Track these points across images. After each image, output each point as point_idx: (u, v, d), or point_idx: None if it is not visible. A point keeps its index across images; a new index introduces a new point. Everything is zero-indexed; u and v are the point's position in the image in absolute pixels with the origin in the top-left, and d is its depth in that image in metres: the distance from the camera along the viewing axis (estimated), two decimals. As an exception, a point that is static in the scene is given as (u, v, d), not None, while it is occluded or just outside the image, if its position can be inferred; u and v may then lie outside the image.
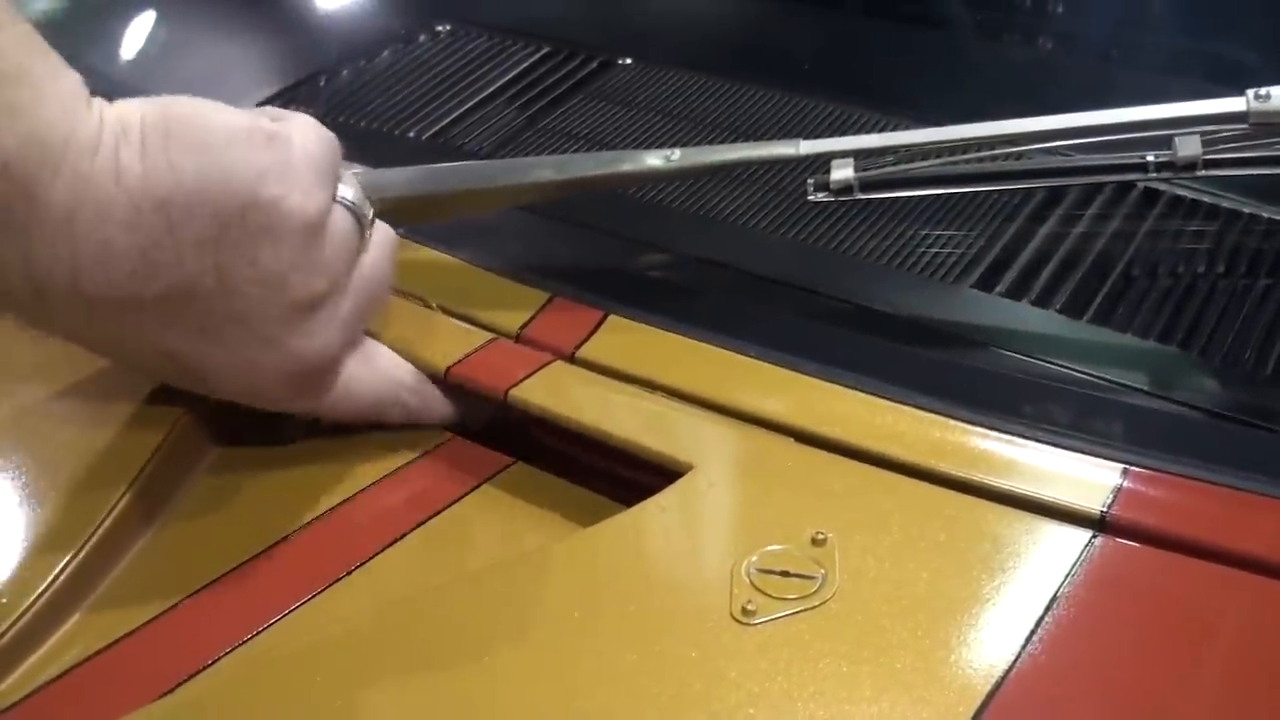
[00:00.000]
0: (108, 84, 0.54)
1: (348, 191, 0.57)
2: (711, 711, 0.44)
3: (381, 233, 0.60)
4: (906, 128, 0.76)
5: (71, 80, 0.50)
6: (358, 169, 0.61)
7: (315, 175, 0.54)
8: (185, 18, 1.02)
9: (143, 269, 0.50)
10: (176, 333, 0.53)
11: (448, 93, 0.86)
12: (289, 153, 0.53)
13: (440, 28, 0.93)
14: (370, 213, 0.59)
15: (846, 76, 0.88)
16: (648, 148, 0.73)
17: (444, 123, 0.83)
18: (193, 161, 0.50)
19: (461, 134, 0.82)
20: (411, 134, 0.83)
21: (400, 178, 0.62)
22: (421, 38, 0.92)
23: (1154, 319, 0.65)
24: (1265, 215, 0.69)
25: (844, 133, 0.78)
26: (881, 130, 0.77)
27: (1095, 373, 0.62)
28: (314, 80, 0.89)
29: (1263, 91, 0.60)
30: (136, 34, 1.03)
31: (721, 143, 0.79)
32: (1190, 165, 0.62)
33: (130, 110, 0.51)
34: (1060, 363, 0.63)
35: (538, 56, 0.88)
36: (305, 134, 0.56)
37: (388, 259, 0.59)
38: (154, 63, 0.98)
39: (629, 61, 0.87)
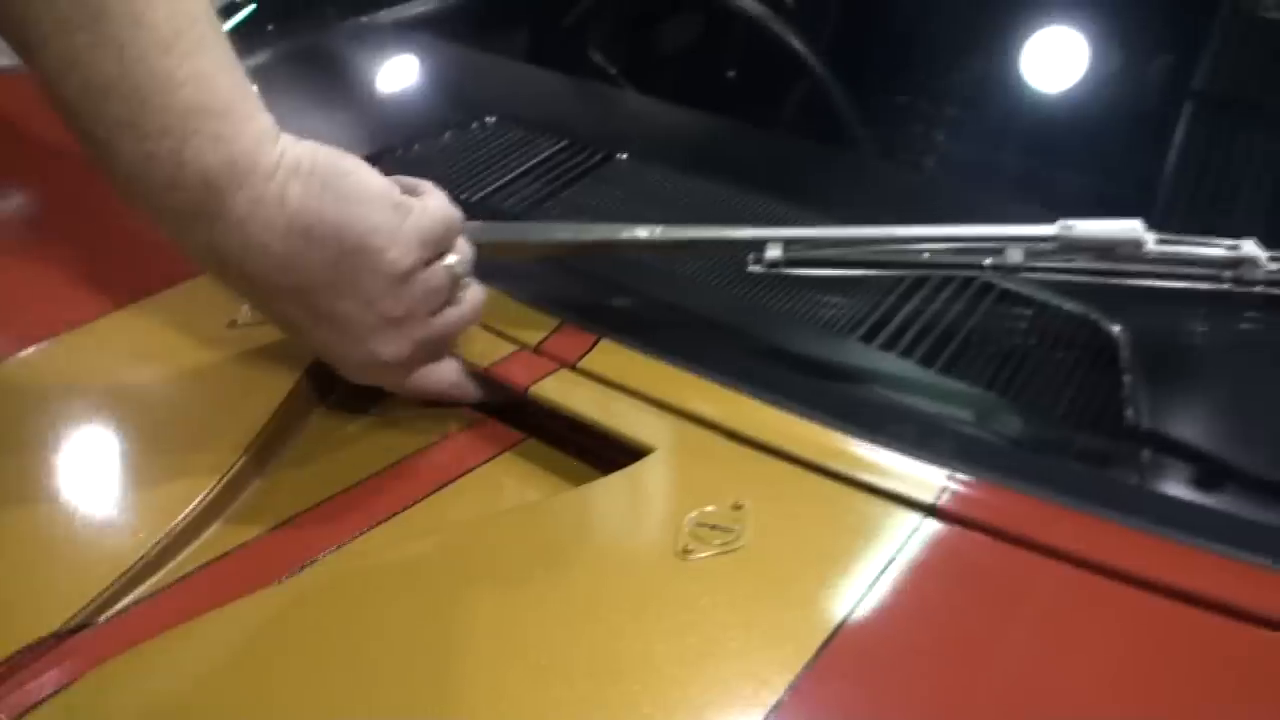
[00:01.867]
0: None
1: (453, 259, 0.61)
2: (660, 612, 0.50)
3: (474, 291, 0.64)
4: (824, 224, 0.78)
5: (265, 120, 0.55)
6: (475, 224, 0.66)
7: (419, 240, 0.58)
8: (292, 92, 1.06)
9: (285, 266, 0.56)
10: (301, 312, 0.59)
11: (492, 168, 0.89)
12: (404, 219, 0.58)
13: (489, 119, 0.96)
14: (468, 275, 0.63)
15: (786, 182, 0.90)
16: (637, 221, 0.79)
17: (487, 190, 0.86)
18: (334, 206, 0.55)
19: (499, 200, 0.85)
20: (463, 196, 0.86)
21: (479, 228, 0.67)
22: (474, 125, 0.95)
23: (983, 372, 0.69)
24: (1065, 308, 0.73)
25: (778, 225, 0.83)
26: (806, 225, 0.82)
27: (939, 406, 0.67)
28: (393, 151, 0.91)
29: (1069, 222, 0.64)
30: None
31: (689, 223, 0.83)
32: (1015, 269, 0.66)
33: (304, 153, 0.56)
34: (915, 398, 0.67)
35: (558, 147, 0.91)
36: (426, 207, 0.60)
37: (471, 310, 0.64)
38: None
39: (624, 157, 0.90)
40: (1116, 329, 0.73)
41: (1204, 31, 1.15)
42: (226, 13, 1.24)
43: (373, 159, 0.90)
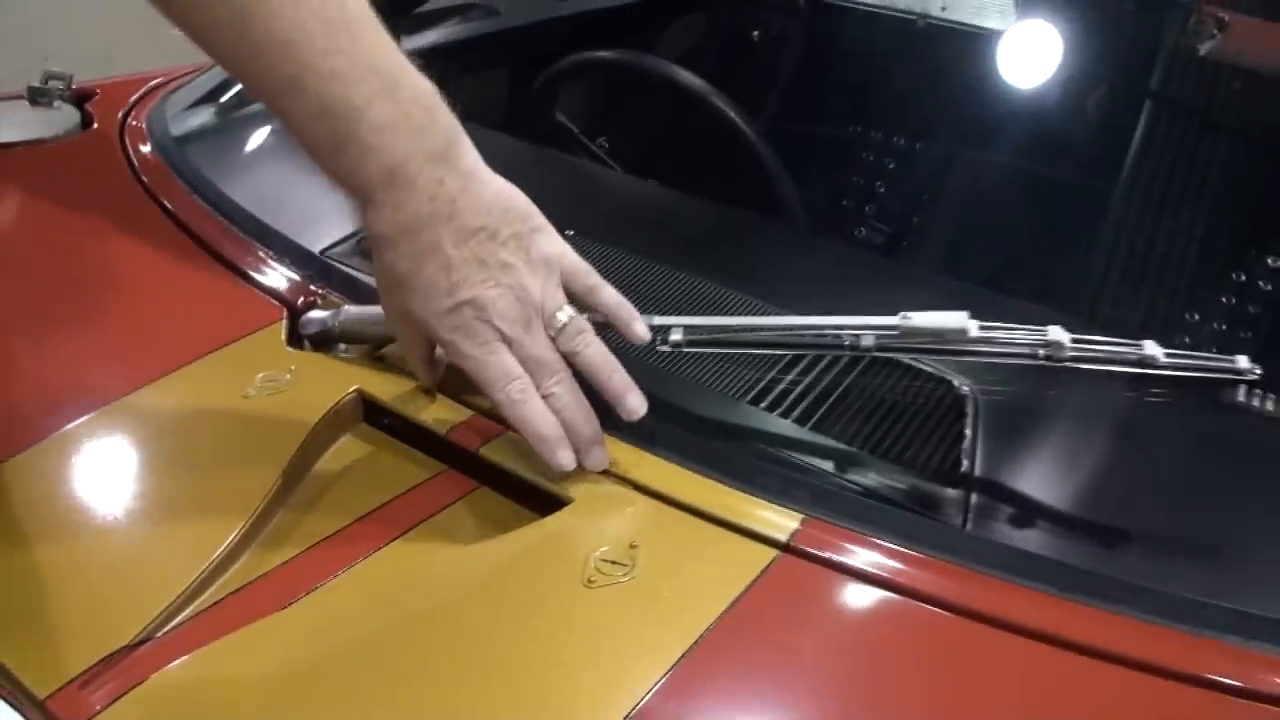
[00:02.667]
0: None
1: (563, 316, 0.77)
2: (568, 629, 0.66)
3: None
4: (751, 296, 0.96)
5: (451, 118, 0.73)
6: None
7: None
8: (294, 179, 1.19)
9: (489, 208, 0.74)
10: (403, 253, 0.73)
11: None
12: (485, 323, 0.74)
13: None
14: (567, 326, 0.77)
15: (720, 256, 1.05)
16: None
17: None
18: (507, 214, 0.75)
19: None
20: None
21: None
22: None
23: (852, 430, 0.84)
24: (924, 369, 0.89)
25: (699, 299, 0.97)
26: (733, 295, 0.98)
27: (805, 458, 0.82)
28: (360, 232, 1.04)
29: (909, 315, 0.81)
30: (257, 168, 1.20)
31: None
32: (869, 349, 0.82)
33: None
34: (787, 452, 0.82)
35: None
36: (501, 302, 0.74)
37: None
38: (260, 192, 1.12)
39: (571, 234, 0.99)
40: (966, 388, 0.90)
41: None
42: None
43: (342, 240, 1.03)
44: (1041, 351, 0.83)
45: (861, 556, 0.72)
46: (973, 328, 0.82)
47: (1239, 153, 1.35)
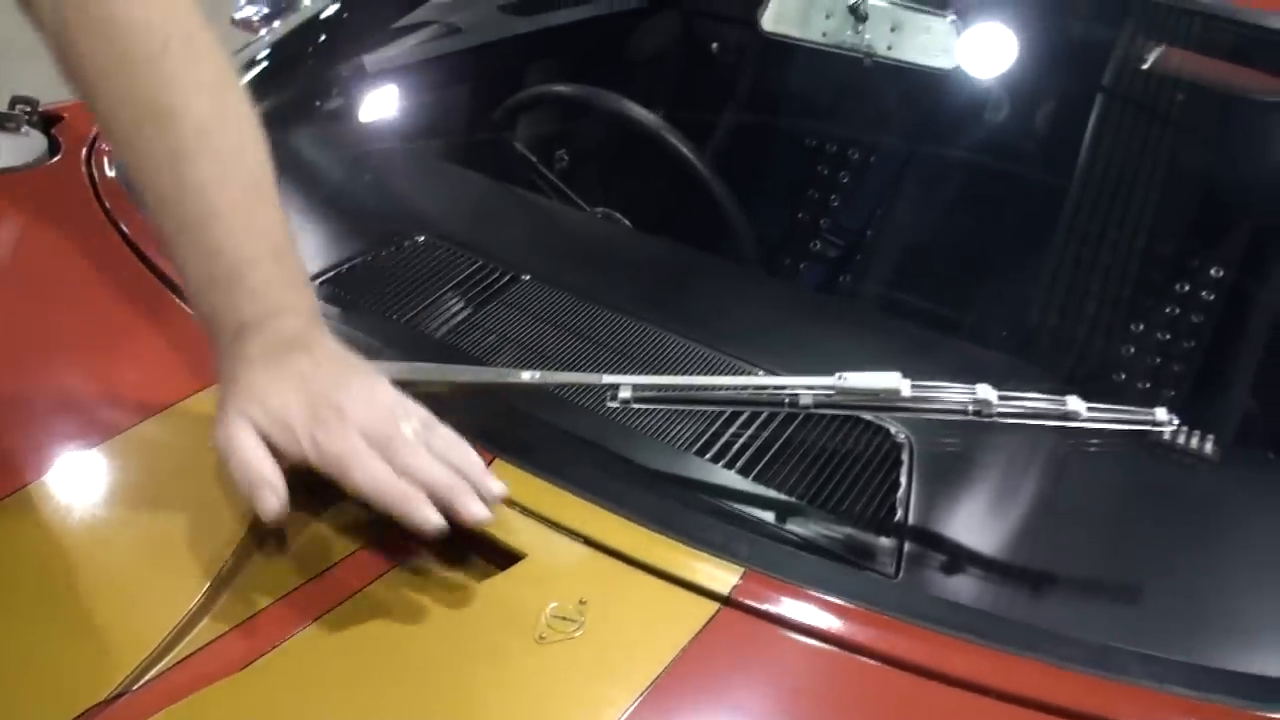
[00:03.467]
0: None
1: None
2: (521, 682, 0.71)
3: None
4: (689, 345, 1.01)
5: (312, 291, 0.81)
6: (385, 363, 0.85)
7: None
8: None
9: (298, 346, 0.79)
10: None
11: (419, 289, 1.07)
12: (342, 420, 0.77)
13: (419, 238, 1.14)
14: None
15: (663, 303, 1.10)
16: (533, 349, 0.98)
17: (415, 310, 1.04)
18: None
19: (425, 321, 1.03)
20: (394, 317, 1.04)
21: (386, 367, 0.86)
22: (406, 243, 1.14)
23: (793, 480, 0.89)
24: (863, 420, 0.95)
25: (649, 346, 1.02)
26: (679, 339, 1.03)
27: (748, 510, 0.87)
28: (340, 266, 1.09)
29: (844, 375, 0.86)
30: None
31: (575, 344, 1.01)
32: (808, 406, 0.87)
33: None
34: (731, 503, 0.87)
35: (474, 267, 1.09)
36: (357, 409, 0.78)
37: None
38: None
39: (527, 278, 1.09)
40: (903, 436, 0.95)
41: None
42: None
43: (319, 274, 1.07)
44: (971, 408, 0.88)
45: (797, 609, 0.78)
46: (905, 387, 0.87)
47: (1179, 182, 1.41)
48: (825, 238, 1.78)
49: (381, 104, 1.62)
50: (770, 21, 1.43)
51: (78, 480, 0.86)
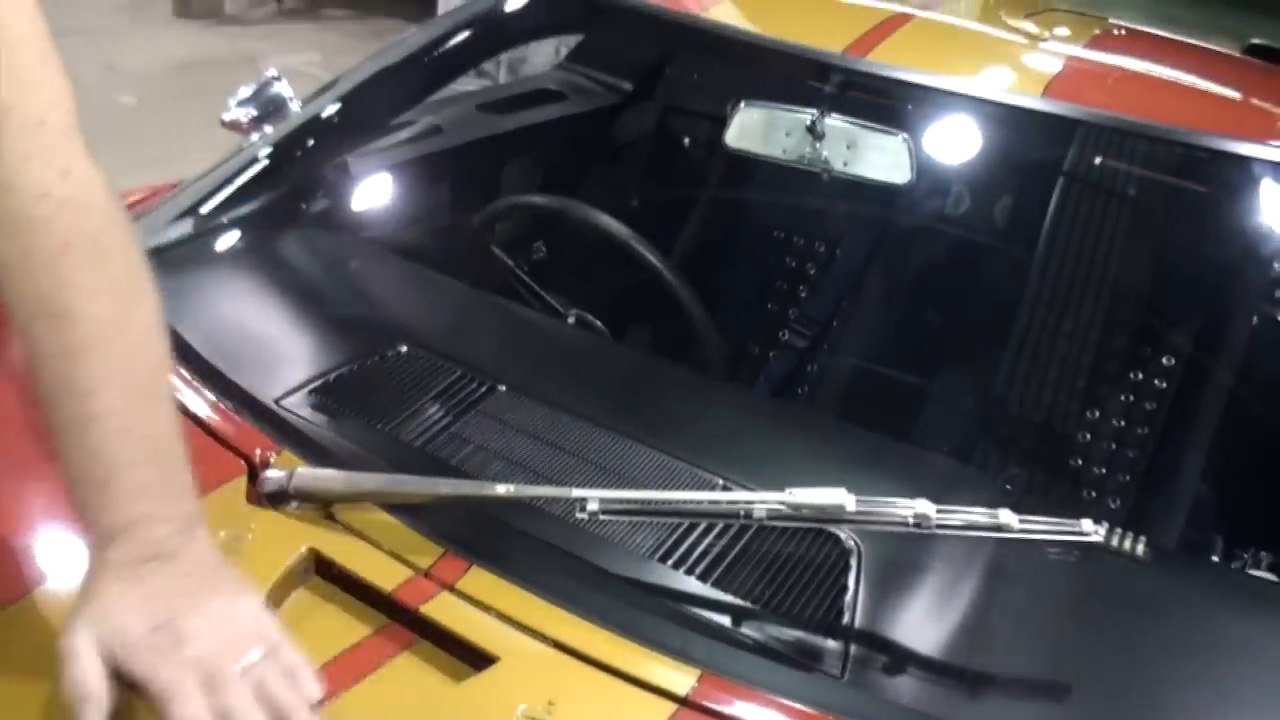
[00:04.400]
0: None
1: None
2: None
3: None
4: (655, 456, 1.08)
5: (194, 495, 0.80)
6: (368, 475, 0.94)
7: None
8: (252, 317, 1.31)
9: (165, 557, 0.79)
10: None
11: (401, 399, 1.14)
12: (179, 648, 0.76)
13: (402, 348, 1.22)
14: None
15: (632, 413, 1.18)
16: (508, 458, 1.06)
17: (398, 420, 1.11)
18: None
19: (407, 431, 1.10)
20: (378, 426, 1.11)
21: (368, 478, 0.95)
22: (390, 353, 1.21)
23: (749, 584, 0.97)
24: (811, 528, 1.02)
25: (618, 457, 1.09)
26: (636, 457, 1.10)
27: (705, 614, 0.94)
28: (328, 374, 1.17)
29: (793, 491, 0.94)
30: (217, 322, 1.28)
31: (548, 454, 1.08)
32: (761, 519, 0.95)
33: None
34: (689, 607, 0.95)
35: (454, 377, 1.17)
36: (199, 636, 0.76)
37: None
38: (221, 334, 1.22)
39: (503, 388, 1.16)
40: (851, 542, 1.03)
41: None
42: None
43: (297, 388, 1.13)
44: (911, 520, 0.96)
45: (748, 710, 0.86)
46: (849, 503, 0.95)
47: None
48: (793, 328, 1.87)
49: (365, 206, 1.71)
50: (733, 138, 1.52)
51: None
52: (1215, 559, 1.38)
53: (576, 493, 0.97)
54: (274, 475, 1.01)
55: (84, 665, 0.76)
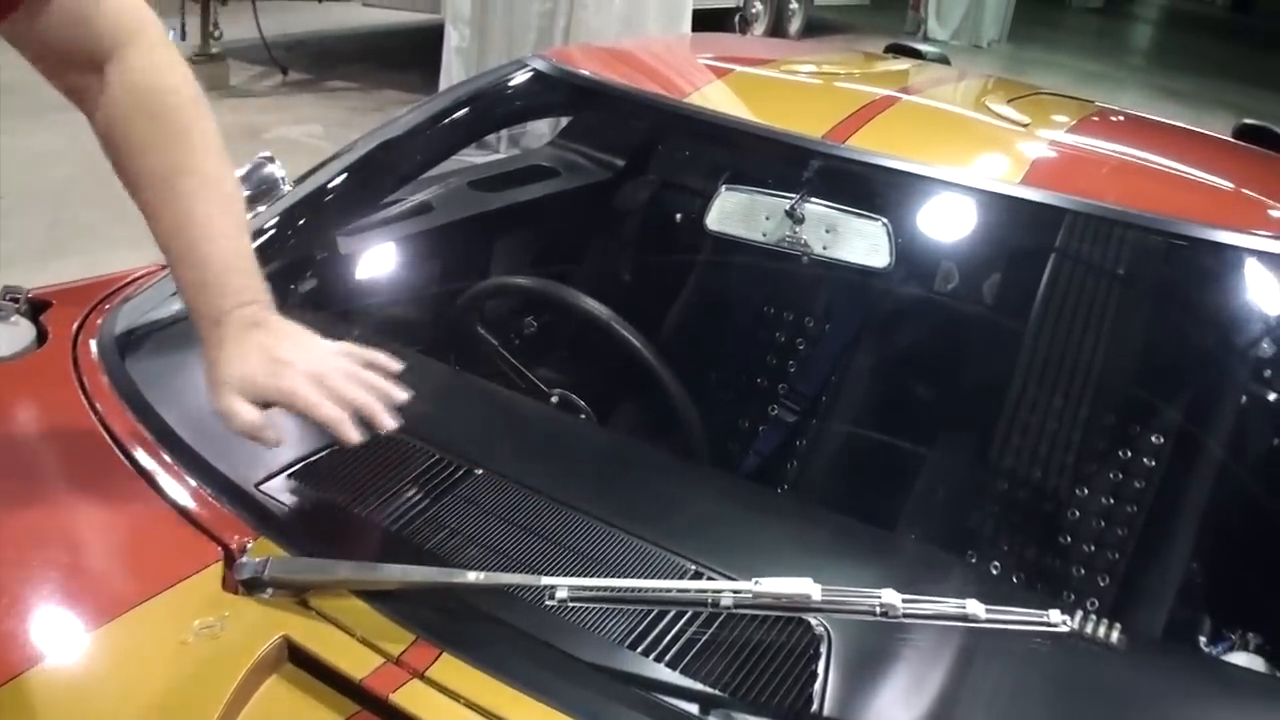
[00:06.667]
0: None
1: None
2: None
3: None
4: (630, 540, 1.10)
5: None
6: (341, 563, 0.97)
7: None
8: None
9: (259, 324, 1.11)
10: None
11: (379, 482, 1.16)
12: (289, 368, 1.08)
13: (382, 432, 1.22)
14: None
15: (610, 498, 1.19)
16: (483, 543, 1.07)
17: (379, 502, 1.13)
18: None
19: (387, 513, 1.12)
20: (358, 512, 1.13)
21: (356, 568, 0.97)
22: (370, 437, 1.16)
23: (718, 672, 0.98)
24: (788, 616, 1.04)
25: (593, 542, 1.11)
26: (611, 541, 1.11)
27: (679, 704, 0.96)
28: (308, 458, 1.18)
29: (760, 580, 0.96)
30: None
31: (523, 539, 1.10)
32: (729, 607, 0.97)
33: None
34: (658, 695, 0.96)
35: (431, 460, 1.19)
36: (298, 358, 1.09)
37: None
38: (209, 427, 1.16)
39: (480, 472, 1.18)
40: (821, 629, 1.04)
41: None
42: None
43: (276, 473, 1.16)
44: (878, 610, 0.98)
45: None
46: (816, 592, 0.97)
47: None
48: (783, 403, 1.90)
49: (354, 287, 1.75)
50: (714, 221, 1.56)
51: (50, 682, 0.94)
52: (1195, 645, 1.39)
53: (546, 580, 0.99)
54: (250, 562, 1.03)
55: (241, 412, 1.06)
